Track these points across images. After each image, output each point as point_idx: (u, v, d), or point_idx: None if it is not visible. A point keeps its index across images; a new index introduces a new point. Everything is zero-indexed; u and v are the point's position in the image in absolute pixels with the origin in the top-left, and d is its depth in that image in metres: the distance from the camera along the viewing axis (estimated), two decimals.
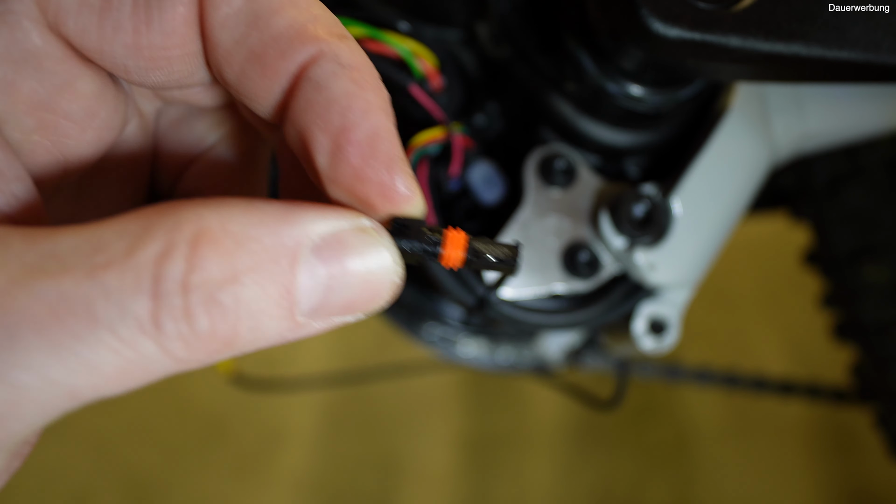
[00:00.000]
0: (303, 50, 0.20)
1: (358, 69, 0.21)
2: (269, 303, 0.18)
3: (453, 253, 0.22)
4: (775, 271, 1.59)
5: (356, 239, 0.20)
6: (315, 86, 0.20)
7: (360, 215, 0.20)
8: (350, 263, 0.19)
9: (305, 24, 0.20)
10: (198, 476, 1.33)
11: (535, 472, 1.39)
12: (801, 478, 1.41)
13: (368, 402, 1.42)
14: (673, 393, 1.47)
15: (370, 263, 0.20)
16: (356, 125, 0.20)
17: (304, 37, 0.20)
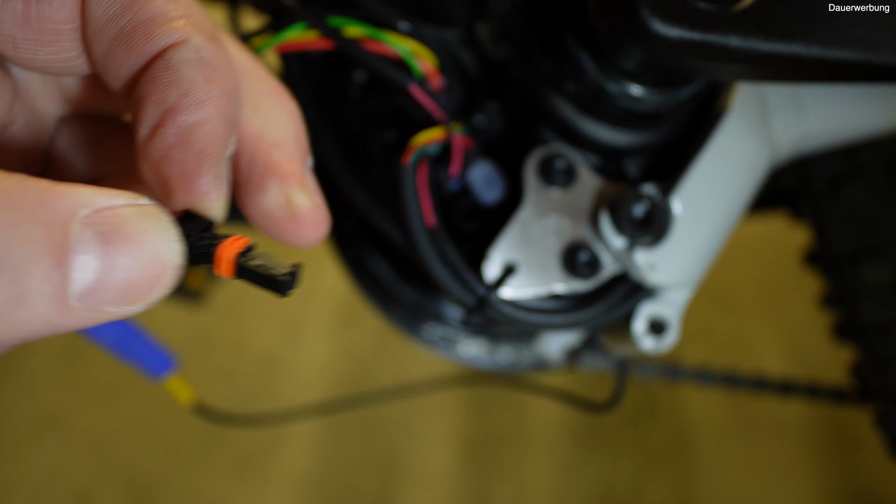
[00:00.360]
0: (169, 36, 0.21)
1: (215, 69, 0.21)
2: (38, 274, 0.17)
3: (224, 257, 0.21)
4: (775, 271, 1.59)
5: (135, 216, 0.18)
6: (165, 64, 0.21)
7: (140, 195, 0.19)
8: (127, 241, 0.18)
9: (179, 15, 0.21)
10: (198, 476, 1.33)
11: (535, 472, 1.39)
12: (800, 478, 1.41)
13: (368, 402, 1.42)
14: (673, 393, 1.47)
15: (149, 243, 0.19)
16: (186, 110, 0.20)
17: (173, 25, 0.21)
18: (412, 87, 0.37)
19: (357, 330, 1.48)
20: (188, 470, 1.33)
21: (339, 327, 1.49)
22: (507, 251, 0.39)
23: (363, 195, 0.40)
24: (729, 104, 0.41)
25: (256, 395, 1.41)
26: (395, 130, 0.45)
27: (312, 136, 0.41)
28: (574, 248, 0.39)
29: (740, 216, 0.43)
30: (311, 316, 1.49)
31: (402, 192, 0.38)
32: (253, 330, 1.48)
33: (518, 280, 0.39)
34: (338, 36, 0.36)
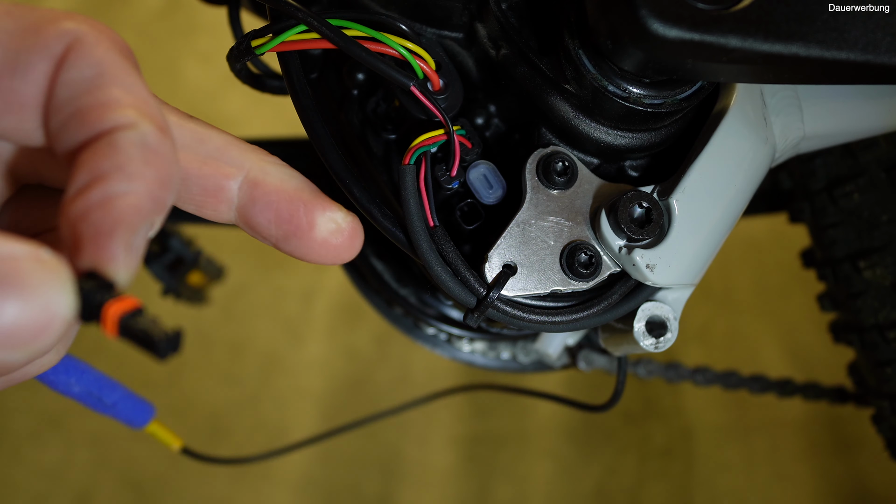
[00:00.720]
0: (120, 118, 0.22)
1: (157, 154, 0.23)
2: None
3: (110, 317, 0.21)
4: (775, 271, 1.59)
5: (31, 266, 0.19)
6: (109, 140, 0.22)
7: (43, 247, 0.20)
8: (17, 288, 0.19)
9: (133, 103, 0.23)
10: (198, 476, 1.33)
11: (535, 472, 1.39)
12: (800, 477, 1.42)
13: (368, 402, 1.42)
14: (673, 393, 1.47)
15: (39, 293, 0.19)
16: (115, 179, 0.21)
17: (126, 111, 0.23)
18: (413, 87, 0.37)
19: (357, 330, 1.48)
20: (188, 470, 1.33)
21: (339, 327, 1.49)
22: (506, 252, 0.39)
23: (363, 195, 0.40)
24: (728, 105, 0.41)
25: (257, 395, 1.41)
26: (395, 130, 0.45)
27: (312, 137, 0.41)
28: (573, 248, 0.39)
29: (739, 216, 0.43)
30: (311, 316, 1.49)
31: (403, 193, 0.38)
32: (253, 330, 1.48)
33: (517, 280, 0.39)
34: (338, 36, 0.36)
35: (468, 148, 0.41)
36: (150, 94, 0.24)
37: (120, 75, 0.23)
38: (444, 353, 0.70)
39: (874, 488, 1.40)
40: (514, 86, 0.41)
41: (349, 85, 0.45)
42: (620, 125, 0.40)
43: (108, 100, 0.23)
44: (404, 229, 0.39)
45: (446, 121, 0.38)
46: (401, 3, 0.41)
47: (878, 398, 0.67)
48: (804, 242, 0.73)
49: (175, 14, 1.71)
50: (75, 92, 0.23)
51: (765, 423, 1.46)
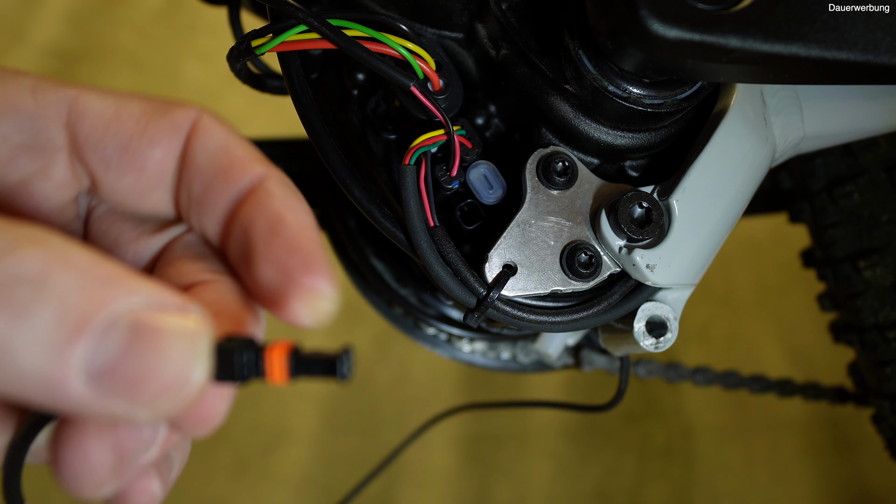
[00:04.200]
0: (258, 170, 0.26)
1: (293, 192, 0.26)
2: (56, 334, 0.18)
3: (277, 366, 0.22)
4: (775, 271, 1.59)
5: (175, 326, 0.19)
6: (266, 191, 0.26)
7: (191, 302, 0.20)
8: (155, 346, 0.19)
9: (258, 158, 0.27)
10: (198, 476, 1.33)
11: (535, 472, 1.39)
12: (800, 477, 1.42)
13: (368, 402, 1.42)
14: (673, 392, 1.47)
15: (174, 356, 0.19)
16: (293, 215, 0.25)
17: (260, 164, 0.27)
18: (413, 87, 0.37)
19: (357, 330, 1.48)
20: (188, 470, 1.33)
21: (339, 327, 1.49)
22: (506, 252, 0.39)
23: (363, 195, 0.40)
24: (728, 105, 0.41)
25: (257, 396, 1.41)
26: (395, 130, 0.45)
27: (313, 137, 0.41)
28: (573, 248, 0.39)
29: (739, 216, 0.43)
30: None
31: (403, 193, 0.38)
32: None
33: (518, 280, 0.39)
34: (338, 36, 0.36)
35: (468, 148, 0.41)
36: None
37: (241, 141, 0.27)
38: (445, 353, 0.70)
39: (874, 488, 1.40)
40: (514, 86, 0.41)
41: (349, 85, 0.45)
42: (620, 125, 0.40)
43: (244, 158, 0.27)
44: (404, 229, 0.39)
45: (446, 121, 0.38)
46: (401, 3, 0.41)
47: (878, 398, 0.67)
48: (804, 242, 0.73)
49: (175, 14, 1.71)
50: (212, 156, 0.26)
51: (765, 423, 1.46)
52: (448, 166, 0.40)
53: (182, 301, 0.20)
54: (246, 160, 0.27)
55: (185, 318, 0.20)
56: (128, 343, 0.18)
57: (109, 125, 0.26)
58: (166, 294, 0.20)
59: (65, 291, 0.18)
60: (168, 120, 0.26)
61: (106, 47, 1.62)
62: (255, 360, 0.22)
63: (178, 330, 0.19)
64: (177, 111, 0.27)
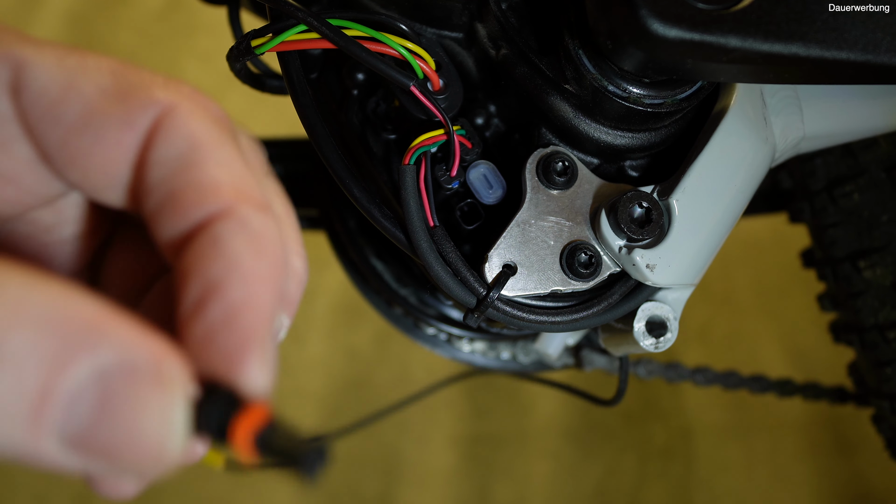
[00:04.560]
0: (216, 203, 0.21)
1: (263, 239, 0.21)
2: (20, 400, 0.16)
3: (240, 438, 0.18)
4: (775, 271, 1.59)
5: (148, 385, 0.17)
6: (212, 237, 0.20)
7: (168, 353, 0.18)
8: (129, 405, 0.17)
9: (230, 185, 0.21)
10: (198, 476, 1.33)
11: (535, 472, 1.39)
12: (800, 477, 1.41)
13: (368, 402, 1.42)
14: (673, 392, 1.47)
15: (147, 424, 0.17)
16: (231, 286, 0.19)
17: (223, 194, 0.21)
18: (413, 87, 0.37)
19: (357, 330, 1.48)
20: (188, 470, 1.33)
21: (339, 327, 1.49)
22: (506, 251, 0.39)
23: (363, 195, 0.40)
24: (728, 105, 0.41)
25: None
26: (395, 130, 0.45)
27: (312, 137, 0.41)
28: (573, 248, 0.39)
29: (739, 216, 0.43)
30: (311, 316, 1.49)
31: (403, 193, 0.38)
32: None
33: (517, 280, 0.39)
34: (338, 36, 0.36)
35: (468, 148, 0.41)
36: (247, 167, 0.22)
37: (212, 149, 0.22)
38: (444, 353, 0.70)
39: (874, 488, 1.40)
40: (514, 86, 0.41)
41: (349, 85, 0.45)
42: (620, 125, 0.40)
43: (203, 181, 0.21)
44: (404, 229, 0.39)
45: (446, 121, 0.38)
46: (401, 3, 0.41)
47: (878, 398, 0.67)
48: (804, 242, 0.73)
49: (175, 14, 1.71)
50: (168, 172, 0.21)
51: (765, 424, 1.46)
52: (448, 166, 0.40)
53: (156, 351, 0.18)
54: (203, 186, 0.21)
55: (159, 378, 0.17)
56: (98, 409, 0.17)
57: (52, 108, 0.21)
58: (137, 346, 0.17)
59: (23, 358, 0.16)
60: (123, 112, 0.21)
61: (106, 47, 1.62)
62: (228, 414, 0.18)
63: (151, 390, 0.17)
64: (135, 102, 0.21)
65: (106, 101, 0.21)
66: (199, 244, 0.20)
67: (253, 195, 0.22)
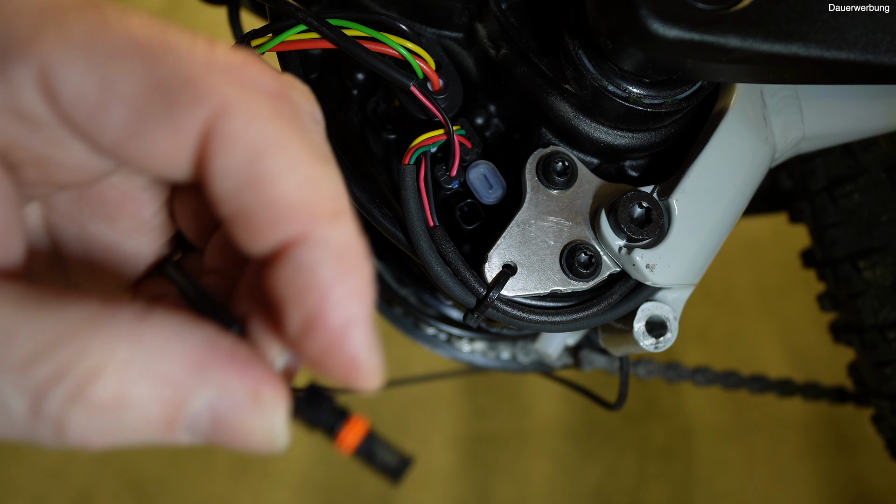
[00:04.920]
0: (291, 226, 0.21)
1: (344, 255, 0.21)
2: (149, 427, 0.20)
3: (347, 442, 0.23)
4: (775, 271, 1.59)
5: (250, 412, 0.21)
6: (298, 268, 0.21)
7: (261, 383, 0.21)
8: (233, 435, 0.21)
9: (301, 199, 0.21)
10: (198, 476, 1.33)
11: (535, 472, 1.39)
12: (800, 477, 1.41)
13: (368, 402, 1.42)
14: (673, 392, 1.47)
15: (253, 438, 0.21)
16: (329, 314, 0.21)
17: (296, 213, 0.21)
18: (413, 87, 0.37)
19: None
20: (188, 470, 1.33)
21: None
22: (506, 251, 0.39)
23: (363, 195, 0.40)
24: (728, 105, 0.41)
25: None
26: (395, 130, 0.45)
27: None
28: (573, 248, 0.39)
29: (739, 216, 0.43)
30: None
31: (402, 193, 0.38)
32: None
33: (517, 280, 0.39)
34: (338, 36, 0.36)
35: (468, 148, 0.41)
36: (317, 165, 0.21)
37: (280, 156, 0.21)
38: (444, 353, 0.70)
39: (874, 488, 1.40)
40: (514, 86, 0.41)
41: (349, 85, 0.45)
42: (620, 125, 0.40)
43: (274, 202, 0.20)
44: (404, 229, 0.39)
45: (446, 121, 0.38)
46: (401, 3, 0.41)
47: (878, 398, 0.67)
48: (804, 242, 0.73)
49: (175, 14, 1.71)
50: (234, 185, 0.21)
51: (765, 423, 1.46)
52: (448, 166, 0.40)
53: (252, 384, 0.21)
54: (275, 209, 0.20)
55: (259, 405, 0.21)
56: (212, 430, 0.21)
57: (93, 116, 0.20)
58: (236, 381, 0.21)
59: (144, 405, 0.20)
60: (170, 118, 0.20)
61: None
62: (336, 422, 0.23)
63: (253, 424, 0.21)
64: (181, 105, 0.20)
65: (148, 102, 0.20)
66: (287, 273, 0.21)
67: (325, 206, 0.21)
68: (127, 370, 0.19)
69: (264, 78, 0.23)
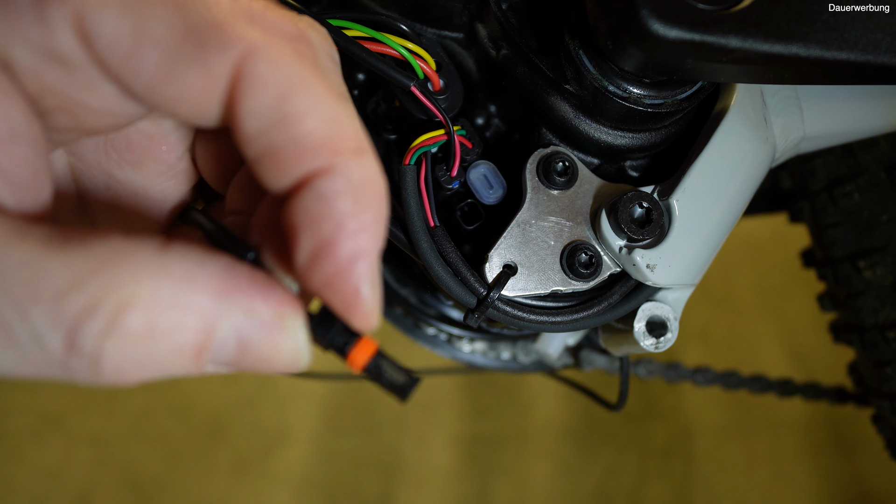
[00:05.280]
0: (315, 160, 0.22)
1: (363, 189, 0.22)
2: (179, 364, 0.21)
3: (358, 357, 0.24)
4: (775, 271, 1.59)
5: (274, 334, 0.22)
6: (318, 197, 0.22)
7: (285, 303, 0.22)
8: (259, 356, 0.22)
9: (325, 135, 0.22)
10: (198, 476, 1.33)
11: (535, 472, 1.39)
12: (800, 477, 1.42)
13: (368, 402, 1.42)
14: (673, 392, 1.48)
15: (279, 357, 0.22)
16: (341, 243, 0.22)
17: (320, 148, 0.22)
18: (413, 88, 0.37)
19: None
20: (188, 470, 1.33)
21: None
22: (506, 252, 0.39)
23: None
24: (728, 105, 0.41)
25: (257, 395, 1.41)
26: (395, 130, 0.45)
27: None
28: (574, 248, 0.39)
29: (739, 216, 0.43)
30: None
31: (403, 193, 0.38)
32: None
33: (518, 280, 0.39)
34: (338, 36, 0.36)
35: (468, 148, 0.41)
36: (338, 104, 0.23)
37: (305, 96, 0.22)
38: (444, 353, 0.70)
39: (874, 488, 1.40)
40: (515, 86, 0.41)
41: (349, 85, 0.45)
42: (621, 125, 0.40)
43: (300, 137, 0.22)
44: (404, 229, 0.39)
45: (446, 121, 0.38)
46: (401, 3, 0.41)
47: (878, 398, 0.67)
48: (804, 242, 0.73)
49: None
50: (262, 125, 0.22)
51: (765, 423, 1.46)
52: (448, 166, 0.40)
53: (276, 308, 0.22)
54: (301, 144, 0.22)
55: (283, 327, 0.22)
56: (239, 354, 0.22)
57: (128, 60, 0.21)
58: (261, 303, 0.22)
59: (174, 334, 0.20)
60: (202, 60, 0.21)
61: None
62: (347, 342, 0.24)
63: (277, 343, 0.22)
64: (212, 48, 0.21)
65: (181, 47, 0.21)
66: (306, 201, 0.22)
67: (348, 142, 0.22)
68: (156, 300, 0.20)
69: (284, 22, 0.24)
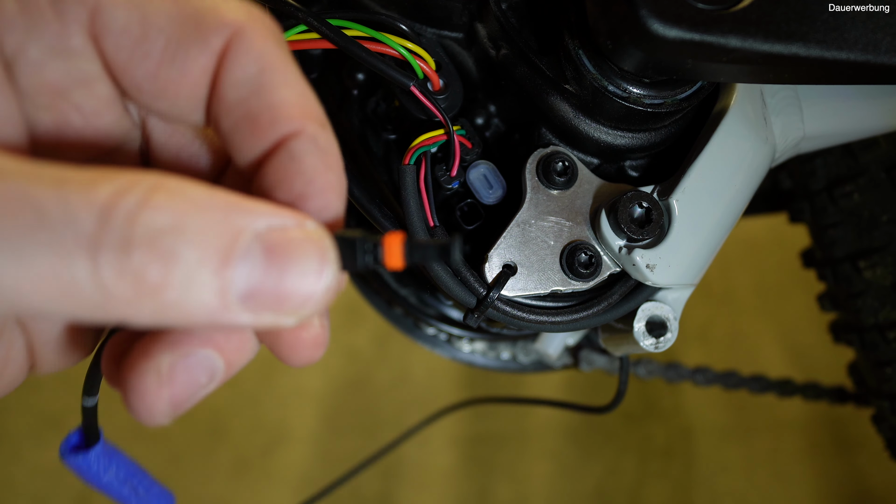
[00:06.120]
0: (289, 124, 0.24)
1: (329, 154, 0.25)
2: (206, 269, 0.20)
3: (393, 253, 0.24)
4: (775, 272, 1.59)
5: (299, 239, 0.21)
6: (290, 156, 0.24)
7: (307, 218, 0.22)
8: (288, 260, 0.21)
9: (297, 104, 0.24)
10: (198, 476, 1.33)
11: (535, 472, 1.39)
12: (800, 477, 1.42)
13: (368, 402, 1.42)
14: (673, 392, 1.47)
15: (307, 264, 0.21)
16: (313, 197, 0.24)
17: (293, 114, 0.24)
18: (413, 88, 0.37)
19: (357, 330, 1.48)
20: (188, 470, 1.33)
21: (339, 327, 1.49)
22: (506, 252, 0.39)
23: (363, 195, 0.40)
24: (728, 105, 0.41)
25: (257, 395, 1.41)
26: (395, 130, 0.45)
27: None
28: (573, 248, 0.39)
29: (739, 216, 0.43)
30: None
31: (403, 193, 0.38)
32: None
33: (518, 280, 0.39)
34: (338, 36, 0.36)
35: (468, 148, 0.41)
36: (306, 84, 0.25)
37: (280, 70, 0.24)
38: (444, 353, 0.70)
39: (874, 488, 1.40)
40: (514, 86, 0.41)
41: (349, 85, 0.45)
42: (620, 125, 0.40)
43: (276, 103, 0.24)
44: (404, 229, 0.39)
45: (446, 121, 0.38)
46: (401, 3, 0.41)
47: (878, 398, 0.67)
48: (804, 242, 0.73)
49: None
50: (243, 93, 0.24)
51: (765, 424, 1.46)
52: (448, 166, 0.40)
53: (296, 216, 0.22)
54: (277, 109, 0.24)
55: (305, 230, 0.22)
56: (265, 263, 0.21)
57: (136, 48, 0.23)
58: (282, 212, 0.22)
59: (202, 232, 0.20)
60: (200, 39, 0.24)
61: None
62: (373, 248, 0.24)
63: (303, 242, 0.21)
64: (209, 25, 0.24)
65: (181, 30, 0.23)
66: (280, 161, 0.24)
67: (317, 113, 0.25)
68: (181, 198, 0.20)
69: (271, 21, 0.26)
